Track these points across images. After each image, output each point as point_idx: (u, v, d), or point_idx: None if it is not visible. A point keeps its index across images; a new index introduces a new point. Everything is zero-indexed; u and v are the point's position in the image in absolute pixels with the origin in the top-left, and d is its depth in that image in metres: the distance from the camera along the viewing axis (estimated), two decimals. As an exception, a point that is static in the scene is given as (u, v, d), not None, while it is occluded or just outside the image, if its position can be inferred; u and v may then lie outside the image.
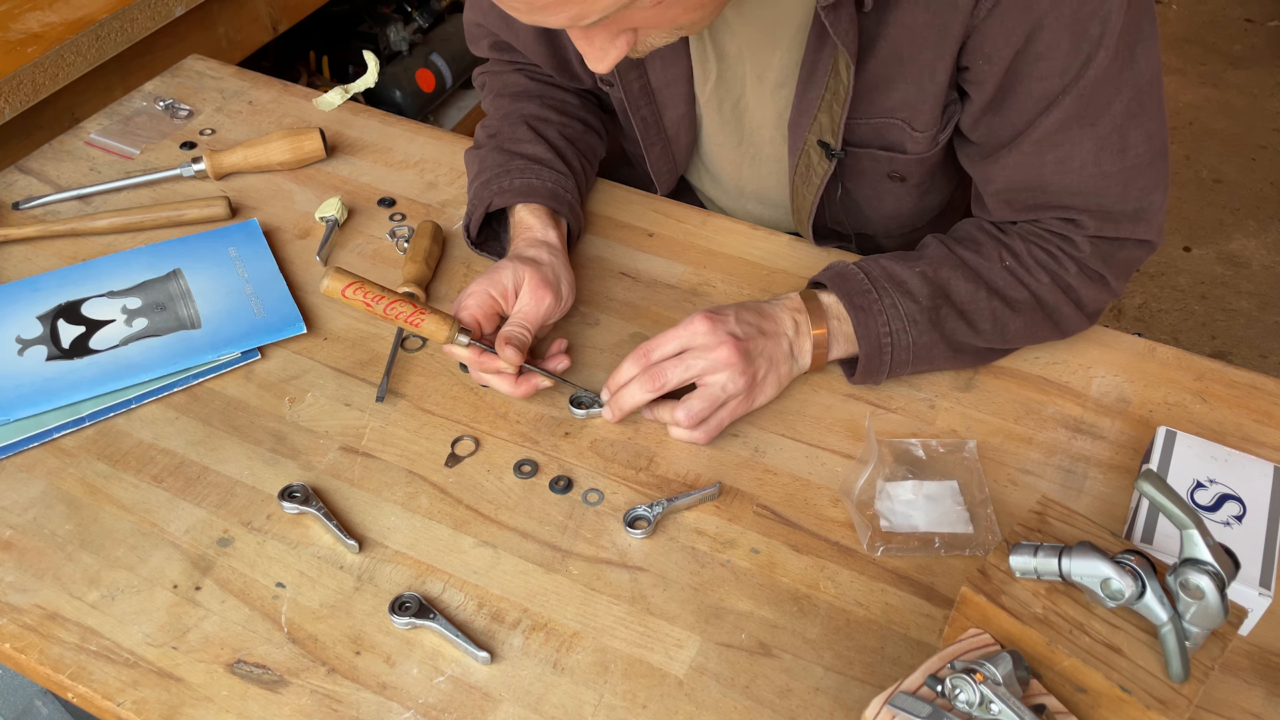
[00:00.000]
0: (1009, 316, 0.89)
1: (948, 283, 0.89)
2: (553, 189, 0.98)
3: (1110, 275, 0.90)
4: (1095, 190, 0.86)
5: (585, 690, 0.72)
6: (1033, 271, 0.89)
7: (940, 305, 0.88)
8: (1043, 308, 0.90)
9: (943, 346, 0.89)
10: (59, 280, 0.99)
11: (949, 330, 0.88)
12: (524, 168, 0.98)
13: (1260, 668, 0.74)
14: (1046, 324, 0.91)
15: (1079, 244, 0.88)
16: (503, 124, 1.04)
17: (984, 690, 0.60)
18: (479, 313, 0.88)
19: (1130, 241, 0.89)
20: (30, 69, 1.29)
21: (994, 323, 0.89)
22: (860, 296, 0.88)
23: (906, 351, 0.88)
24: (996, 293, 0.89)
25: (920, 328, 0.87)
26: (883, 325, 0.87)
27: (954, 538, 0.80)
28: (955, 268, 0.89)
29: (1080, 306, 0.91)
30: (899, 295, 0.88)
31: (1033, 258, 0.89)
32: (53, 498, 0.83)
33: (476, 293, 0.89)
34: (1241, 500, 0.77)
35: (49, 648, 0.74)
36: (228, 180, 1.12)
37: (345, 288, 0.83)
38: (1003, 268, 0.89)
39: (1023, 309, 0.89)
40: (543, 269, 0.91)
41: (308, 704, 0.71)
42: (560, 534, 0.81)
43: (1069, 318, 0.91)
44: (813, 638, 0.75)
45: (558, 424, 0.89)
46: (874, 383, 0.91)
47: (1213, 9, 3.32)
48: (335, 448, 0.87)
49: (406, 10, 2.35)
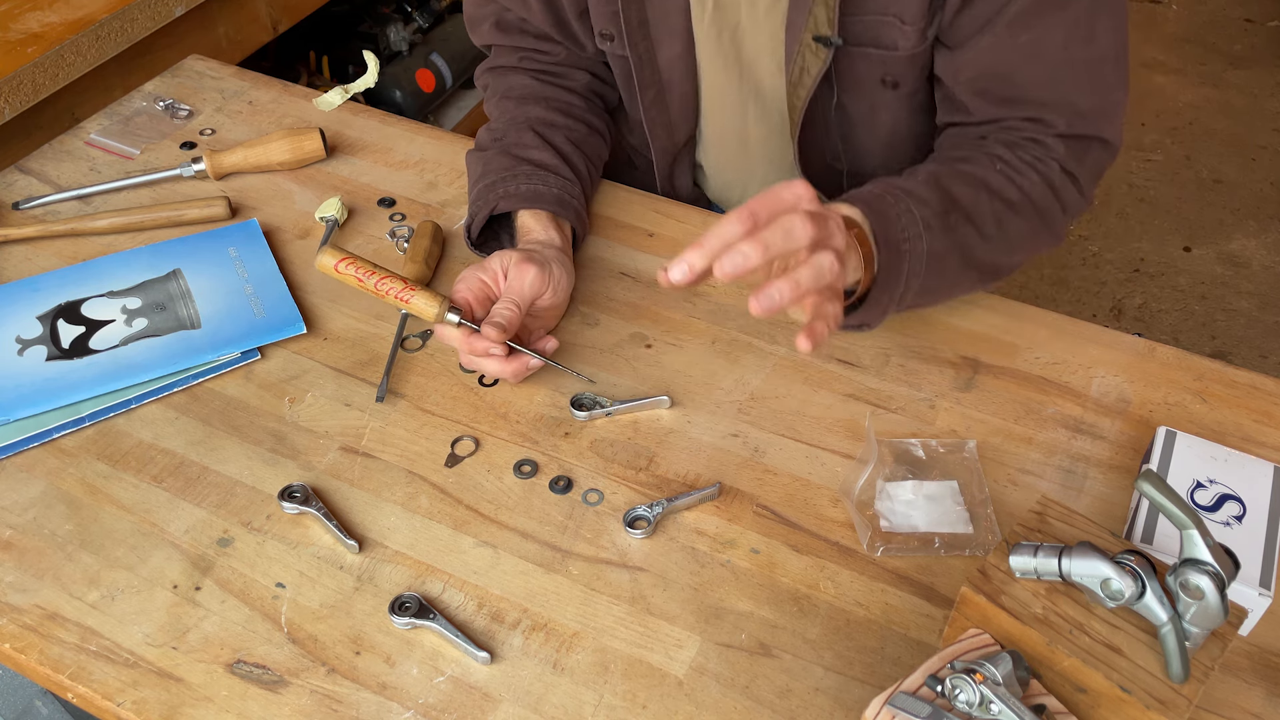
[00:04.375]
0: (1009, 217, 0.90)
1: (951, 189, 0.89)
2: (558, 195, 0.98)
3: (1082, 178, 0.93)
4: (1064, 81, 0.90)
5: (585, 690, 0.72)
6: (1022, 172, 0.91)
7: (949, 211, 0.87)
8: (1036, 208, 0.92)
9: (955, 257, 0.88)
10: (59, 280, 0.99)
11: (960, 237, 0.88)
12: (530, 173, 0.99)
13: (1260, 668, 0.74)
14: (1041, 226, 0.93)
15: (1052, 146, 0.92)
16: (509, 129, 1.04)
17: (984, 690, 0.60)
18: (469, 295, 0.88)
19: (1096, 142, 0.93)
20: (30, 69, 1.29)
21: (998, 226, 0.90)
22: (877, 202, 0.85)
23: (921, 260, 0.85)
24: (996, 194, 0.90)
25: (935, 234, 0.86)
26: (901, 232, 0.84)
27: (954, 538, 0.80)
28: (954, 176, 0.90)
29: (1064, 208, 0.93)
30: (912, 202, 0.86)
31: (1019, 159, 0.92)
32: (53, 498, 0.83)
33: (467, 278, 0.89)
34: (1241, 500, 0.77)
35: (49, 648, 0.74)
36: (228, 180, 1.12)
37: (338, 262, 0.85)
38: (995, 170, 0.91)
39: (1020, 210, 0.91)
40: (531, 253, 0.91)
41: (308, 704, 0.71)
42: (560, 534, 0.81)
43: (1056, 220, 0.94)
44: (813, 638, 0.75)
45: (558, 424, 0.89)
46: (882, 309, 0.86)
47: (1213, 9, 3.32)
48: (335, 448, 0.87)
49: (406, 10, 2.35)
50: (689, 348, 0.95)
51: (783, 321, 0.97)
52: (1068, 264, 2.49)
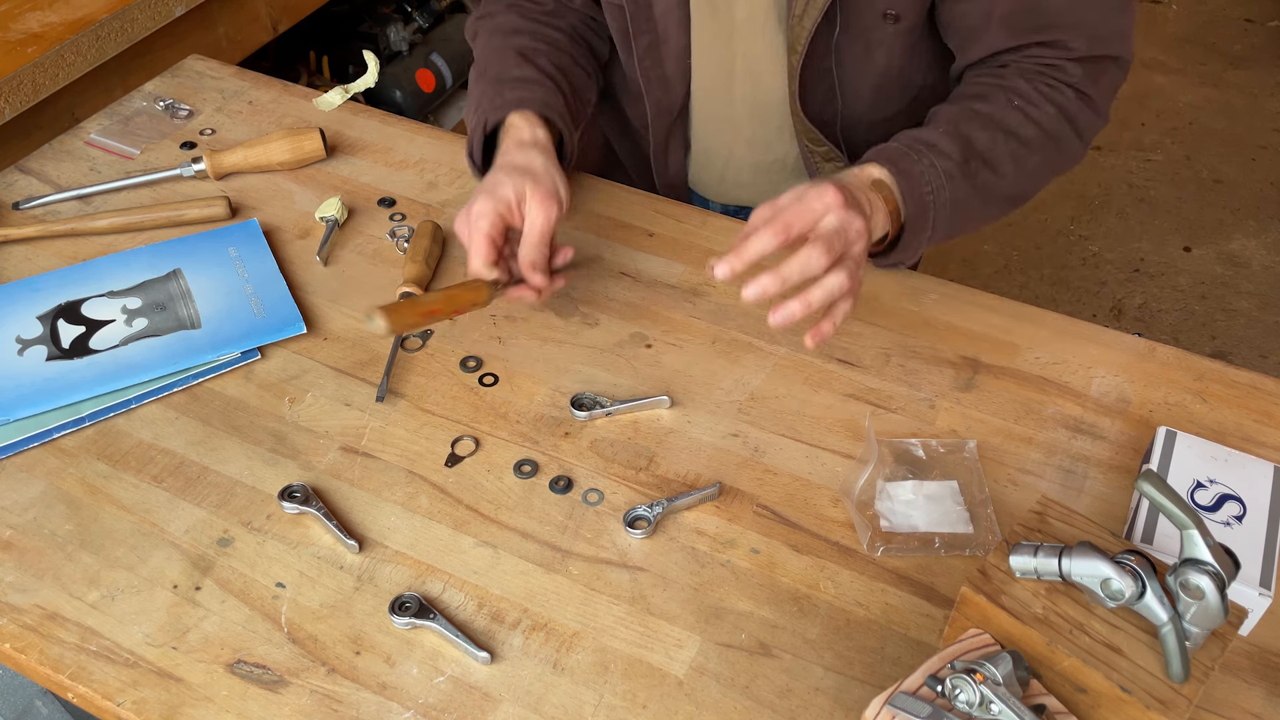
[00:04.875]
0: (1025, 154, 0.94)
1: (970, 136, 0.93)
2: (544, 99, 0.99)
3: (1098, 98, 0.97)
4: (1084, 6, 0.94)
5: (585, 690, 0.72)
6: (1039, 105, 0.94)
7: (969, 159, 0.92)
8: (1051, 139, 0.95)
9: (975, 200, 0.93)
10: (59, 280, 0.99)
11: (981, 181, 0.93)
12: (515, 85, 1.00)
13: (1260, 668, 0.74)
14: (1056, 155, 0.97)
15: (1069, 70, 0.95)
16: (492, 58, 1.05)
17: (984, 690, 0.60)
18: (495, 235, 0.89)
19: (1111, 61, 0.96)
20: (30, 69, 1.29)
21: (1015, 164, 0.94)
22: (902, 160, 0.90)
23: (945, 209, 0.91)
24: (1012, 134, 0.94)
25: (956, 183, 0.91)
26: (925, 186, 0.90)
27: (954, 538, 0.80)
28: (971, 120, 0.94)
29: (1079, 134, 0.97)
30: (934, 156, 0.91)
31: (1036, 92, 0.95)
32: (53, 498, 0.83)
33: (486, 213, 0.89)
34: (1241, 500, 0.77)
35: (49, 648, 0.74)
36: (228, 180, 1.12)
37: (391, 329, 0.81)
38: (1012, 108, 0.94)
39: (1036, 145, 0.94)
40: (540, 179, 0.91)
41: (308, 704, 0.71)
42: (560, 534, 0.81)
43: (1071, 145, 0.97)
44: (813, 638, 0.75)
45: (558, 424, 0.89)
46: (912, 254, 0.93)
47: (1213, 9, 3.32)
48: (335, 448, 0.87)
49: (406, 10, 2.35)
50: (689, 348, 0.95)
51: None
52: (1068, 264, 2.49)
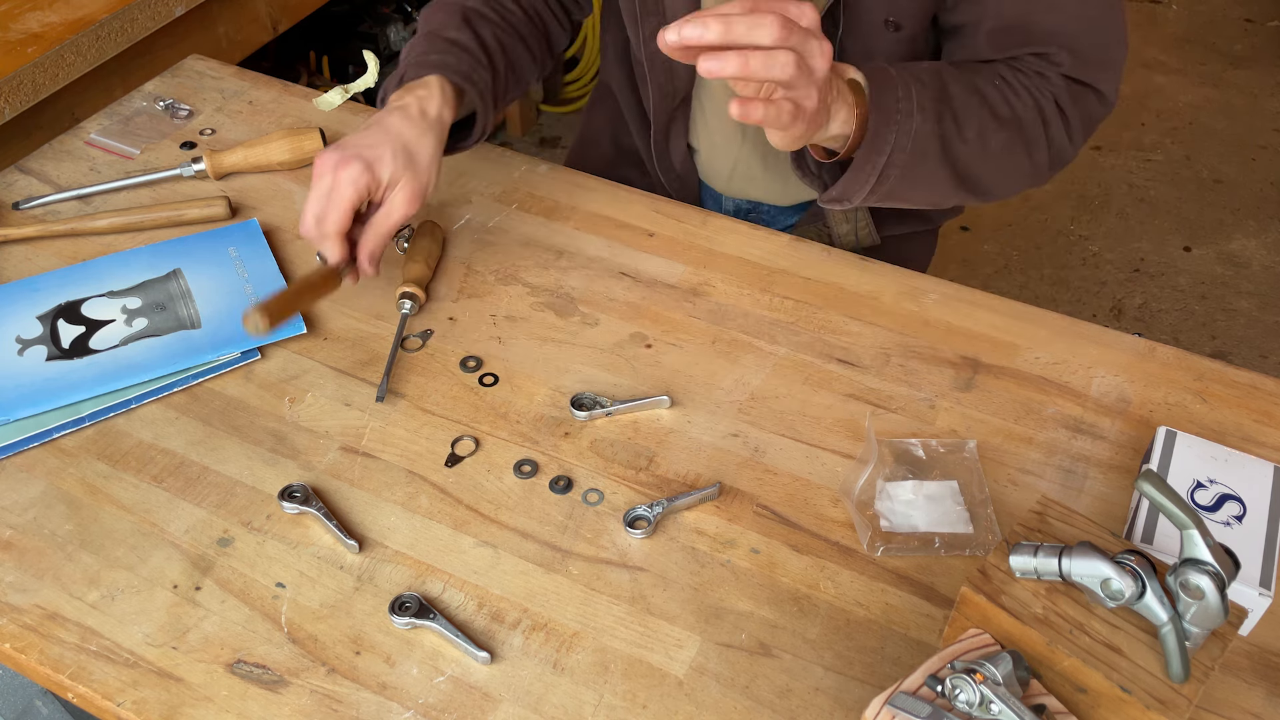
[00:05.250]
0: (993, 129, 0.94)
1: (949, 86, 0.93)
2: (467, 71, 0.97)
3: (1074, 121, 0.97)
4: (1074, 31, 0.95)
5: (585, 690, 0.72)
6: (1019, 93, 0.95)
7: (941, 100, 0.92)
8: (1022, 131, 0.95)
9: (935, 146, 0.91)
10: (59, 280, 0.99)
11: (944, 132, 0.92)
12: (444, 50, 0.98)
13: (1260, 668, 0.74)
14: (1021, 150, 0.96)
15: (1053, 79, 0.96)
16: (437, 13, 1.04)
17: (984, 690, 0.60)
18: (357, 204, 0.89)
19: (1092, 92, 0.97)
20: (30, 69, 1.29)
21: (979, 134, 0.93)
22: (881, 72, 0.90)
23: (908, 137, 0.89)
24: (987, 103, 0.94)
25: (926, 116, 0.90)
26: (894, 102, 0.88)
27: (954, 538, 0.80)
28: (955, 77, 0.94)
29: (1049, 143, 0.97)
30: (914, 83, 0.90)
31: (1019, 81, 0.96)
32: (53, 498, 0.83)
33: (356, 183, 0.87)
34: (1241, 500, 0.77)
35: (49, 648, 0.74)
36: (228, 180, 1.12)
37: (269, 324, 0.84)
38: (994, 85, 0.95)
39: (1006, 125, 0.94)
40: (418, 174, 0.91)
41: (308, 704, 0.71)
42: (560, 534, 0.81)
43: (1039, 153, 0.97)
44: (813, 638, 0.75)
45: (558, 424, 0.89)
46: (864, 179, 0.91)
47: (1213, 9, 3.32)
48: (335, 448, 0.87)
49: (406, 10, 2.35)
50: (689, 348, 0.95)
51: (783, 321, 0.97)
52: (1068, 264, 2.49)
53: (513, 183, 1.12)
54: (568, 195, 1.10)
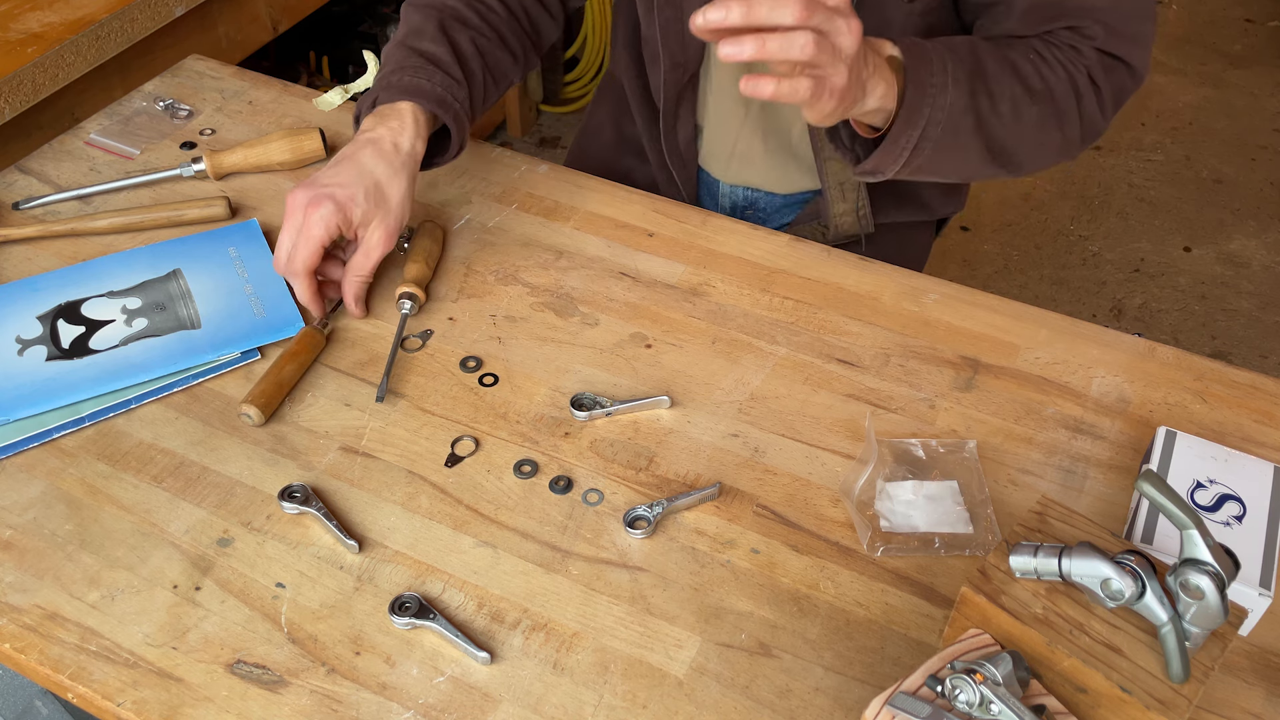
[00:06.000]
0: (1026, 103, 0.94)
1: (981, 57, 0.94)
2: (441, 94, 0.97)
3: (1105, 93, 0.97)
4: (1106, 5, 0.95)
5: (585, 690, 0.72)
6: (1052, 66, 0.95)
7: (976, 76, 0.92)
8: (1055, 104, 0.96)
9: (969, 119, 0.92)
10: (59, 280, 0.99)
11: (978, 105, 0.92)
12: (418, 67, 0.98)
13: (1260, 668, 0.74)
14: (1054, 124, 0.97)
15: (1086, 53, 0.96)
16: (415, 15, 1.04)
17: (984, 690, 0.60)
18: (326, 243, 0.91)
19: (1123, 65, 0.97)
20: (30, 69, 1.29)
21: (1013, 107, 0.94)
22: (917, 46, 0.90)
23: (942, 111, 0.90)
24: (1020, 76, 0.94)
25: (961, 90, 0.91)
26: (930, 76, 0.89)
27: (954, 538, 0.80)
28: (989, 51, 0.95)
29: (1081, 116, 0.97)
30: (950, 56, 0.91)
31: (1053, 55, 0.97)
32: (53, 498, 0.83)
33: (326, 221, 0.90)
34: (1241, 500, 0.77)
35: (49, 648, 0.74)
36: (228, 180, 1.12)
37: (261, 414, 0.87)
38: (1028, 59, 0.95)
39: (1039, 99, 0.95)
40: (390, 213, 0.93)
41: (308, 704, 0.71)
42: (560, 534, 0.81)
43: (1071, 127, 0.97)
44: (813, 638, 0.75)
45: (558, 424, 0.89)
46: (898, 152, 0.92)
47: (1213, 9, 3.32)
48: (335, 448, 0.87)
49: (406, 10, 2.35)
50: (689, 348, 0.95)
51: (783, 321, 0.97)
52: (1068, 264, 2.49)
53: (513, 183, 1.12)
54: (568, 195, 1.10)
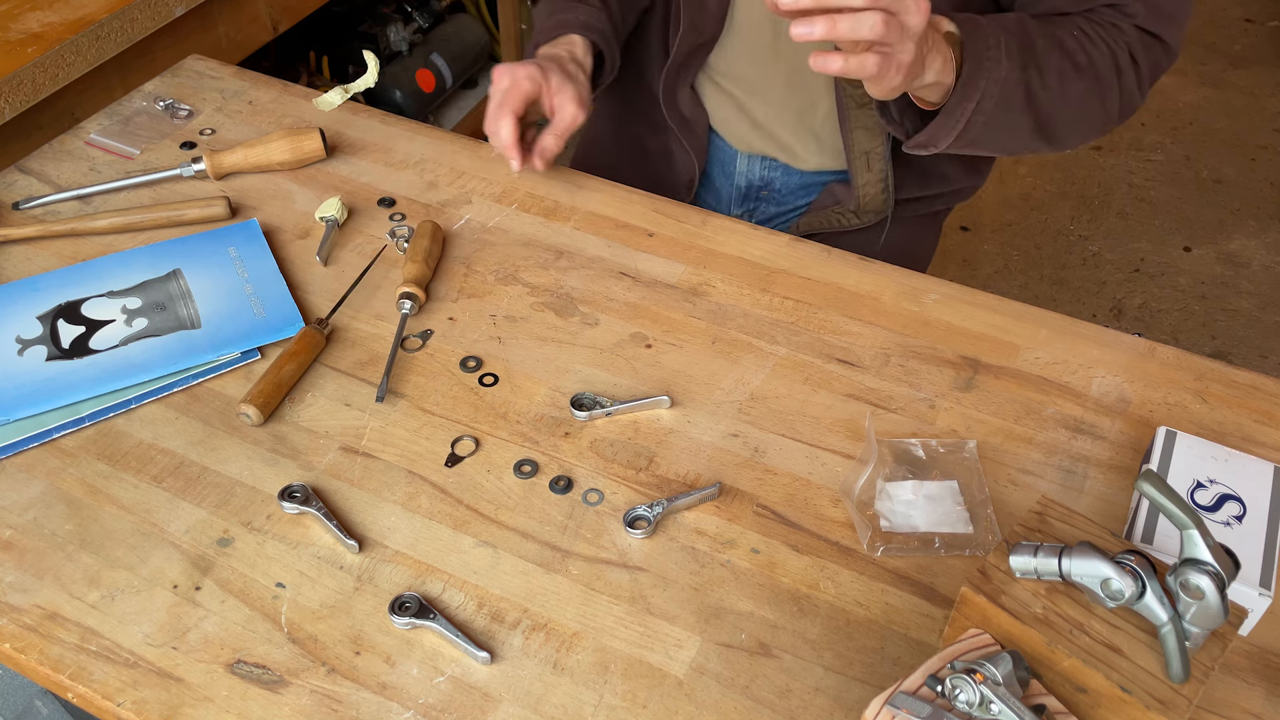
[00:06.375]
0: (1072, 77, 0.97)
1: (1030, 34, 0.96)
2: (585, 21, 1.13)
3: (1144, 69, 1.00)
4: None
5: (585, 690, 0.72)
6: (1095, 42, 0.98)
7: (1026, 49, 0.95)
8: (1098, 79, 0.98)
9: (1020, 93, 0.95)
10: (59, 280, 0.99)
11: (1029, 78, 0.95)
12: (571, 6, 1.14)
13: (1260, 668, 0.74)
14: (1096, 99, 1.00)
15: (1126, 30, 1.00)
16: None
17: (984, 690, 0.60)
18: (530, 93, 1.04)
19: (1159, 43, 1.01)
20: (30, 69, 1.29)
21: (1060, 81, 0.97)
22: (972, 22, 0.93)
23: (995, 85, 0.93)
24: (1067, 53, 0.97)
25: (1014, 63, 0.94)
26: (986, 50, 0.92)
27: (954, 538, 0.80)
28: (1034, 25, 0.97)
29: (1121, 91, 1.00)
30: (1003, 32, 0.94)
31: (1096, 31, 1.00)
32: (53, 498, 0.83)
33: (532, 76, 1.04)
34: (1241, 500, 0.77)
35: (49, 648, 0.74)
36: (228, 180, 1.12)
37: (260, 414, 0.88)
38: (1072, 35, 0.98)
39: (1085, 74, 0.98)
40: (579, 87, 1.07)
41: (308, 704, 0.71)
42: (560, 534, 0.81)
43: (1112, 101, 1.00)
44: (813, 638, 0.75)
45: (558, 424, 0.89)
46: (953, 124, 0.95)
47: (1213, 9, 3.32)
48: (335, 448, 0.87)
49: (406, 10, 2.35)
50: (689, 348, 0.95)
51: (783, 321, 0.97)
52: (1068, 264, 2.49)
53: (513, 183, 1.12)
54: (568, 195, 1.10)
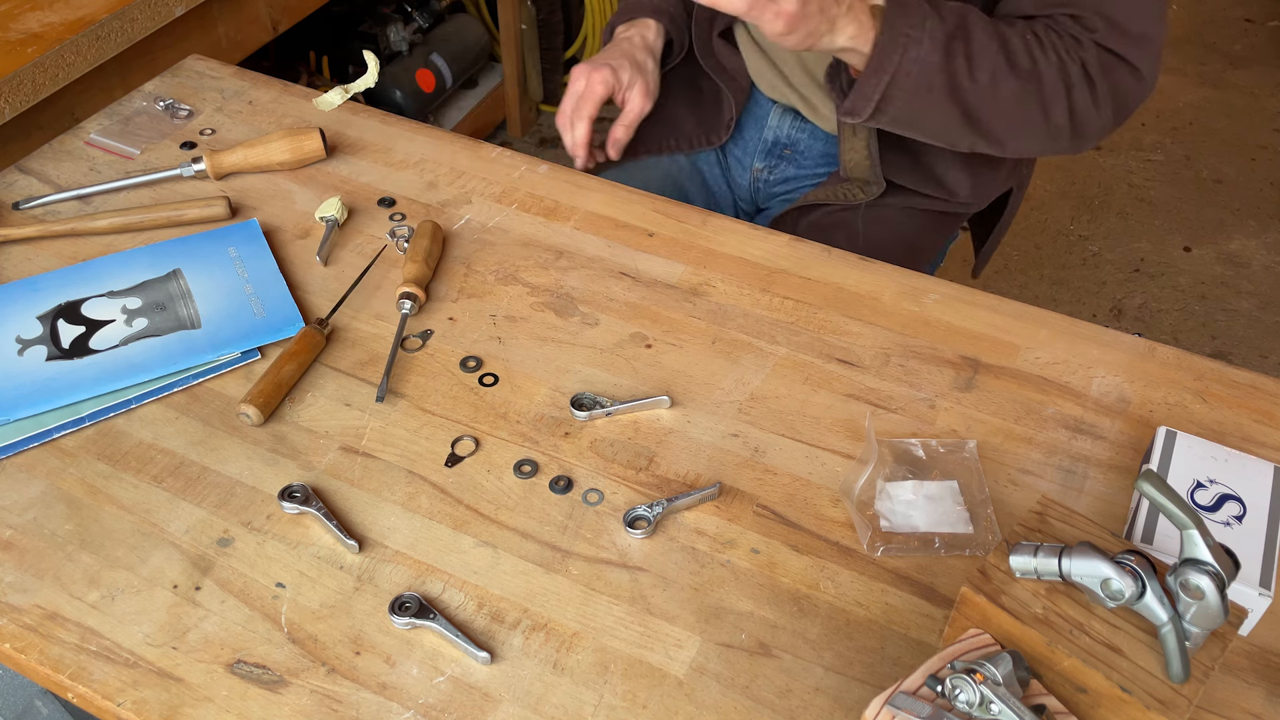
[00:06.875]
0: (1007, 77, 0.96)
1: (970, 25, 0.96)
2: (657, 5, 1.23)
3: (1101, 91, 0.98)
4: None
5: (585, 690, 0.72)
6: (1046, 50, 0.97)
7: (957, 37, 0.95)
8: (1039, 87, 0.97)
9: (942, 79, 0.95)
10: (59, 280, 0.99)
11: (953, 65, 0.95)
12: None
13: (1260, 668, 0.74)
14: (1036, 106, 0.98)
15: (1086, 45, 0.98)
16: None
17: (984, 690, 0.60)
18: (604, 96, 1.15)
19: (1126, 66, 0.98)
20: (30, 69, 1.29)
21: (992, 77, 0.96)
22: (901, 1, 0.94)
23: (914, 64, 0.94)
24: (1007, 51, 0.96)
25: (937, 46, 0.94)
26: (908, 26, 0.93)
27: (954, 538, 0.80)
28: (979, 19, 0.97)
29: (1071, 112, 0.98)
30: (931, 18, 0.94)
31: (1049, 41, 0.98)
32: (53, 498, 0.83)
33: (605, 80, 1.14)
34: (1241, 500, 0.77)
35: (49, 648, 0.74)
36: (228, 180, 1.12)
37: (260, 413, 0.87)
38: (1022, 37, 0.97)
39: (1023, 77, 0.97)
40: (647, 79, 1.18)
41: (308, 704, 0.71)
42: (560, 534, 0.81)
43: (1058, 114, 0.99)
44: (813, 638, 0.75)
45: (558, 424, 0.89)
46: (868, 95, 0.97)
47: (1213, 9, 3.32)
48: (335, 448, 0.87)
49: (406, 10, 2.35)
50: (689, 348, 0.95)
51: (783, 322, 0.97)
52: (1068, 264, 2.49)
53: (513, 183, 1.12)
54: (568, 195, 1.10)
